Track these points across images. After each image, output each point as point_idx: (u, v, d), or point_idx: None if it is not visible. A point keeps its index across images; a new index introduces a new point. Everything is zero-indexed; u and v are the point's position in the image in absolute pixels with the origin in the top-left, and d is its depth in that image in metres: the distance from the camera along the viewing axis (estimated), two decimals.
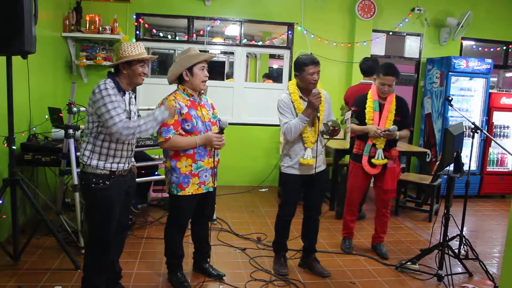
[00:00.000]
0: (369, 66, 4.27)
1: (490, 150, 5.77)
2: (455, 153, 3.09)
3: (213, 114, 2.82)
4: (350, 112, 3.09)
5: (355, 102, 3.48)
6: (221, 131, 2.64)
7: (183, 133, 2.63)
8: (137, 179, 3.89)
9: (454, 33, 5.81)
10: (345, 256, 3.51)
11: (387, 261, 3.42)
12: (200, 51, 2.77)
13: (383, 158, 3.32)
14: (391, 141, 3.34)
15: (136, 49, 2.34)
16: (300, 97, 2.94)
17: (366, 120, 3.35)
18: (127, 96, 2.42)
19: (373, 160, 3.34)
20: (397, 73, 3.29)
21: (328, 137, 2.99)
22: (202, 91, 2.78)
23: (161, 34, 5.59)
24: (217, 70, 7.20)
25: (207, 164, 2.69)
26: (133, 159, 2.61)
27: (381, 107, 3.35)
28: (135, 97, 4.17)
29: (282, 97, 2.98)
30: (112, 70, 2.41)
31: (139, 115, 4.11)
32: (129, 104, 2.43)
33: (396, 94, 3.40)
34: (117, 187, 2.37)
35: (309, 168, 2.98)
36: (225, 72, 7.46)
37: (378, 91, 3.35)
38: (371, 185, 3.62)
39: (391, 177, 3.37)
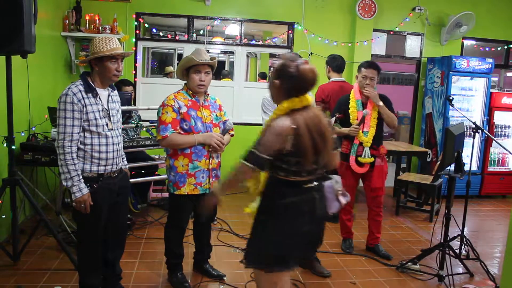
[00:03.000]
0: (342, 63, 4.38)
1: (491, 150, 5.76)
2: (456, 153, 3.08)
3: (217, 115, 2.80)
4: (334, 118, 3.10)
5: (340, 104, 3.46)
6: (223, 132, 2.62)
7: (182, 132, 2.62)
8: (137, 179, 3.96)
9: (449, 32, 5.80)
10: (345, 256, 3.50)
11: (388, 261, 3.41)
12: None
13: (370, 156, 3.33)
14: (378, 138, 3.36)
15: (108, 45, 2.22)
16: None
17: (351, 121, 3.34)
18: (105, 93, 2.35)
19: (359, 159, 3.34)
20: (378, 67, 3.33)
21: None
22: (208, 92, 2.78)
23: (161, 34, 5.58)
24: (218, 70, 7.19)
25: (204, 165, 2.68)
26: (125, 162, 2.58)
27: (364, 106, 3.36)
28: (132, 95, 4.17)
29: (267, 96, 2.98)
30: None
31: (130, 116, 4.12)
32: (108, 102, 2.35)
33: (378, 92, 3.38)
34: (106, 189, 2.34)
35: None
36: (222, 71, 7.44)
37: (359, 86, 3.35)
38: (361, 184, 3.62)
39: (378, 175, 3.39)
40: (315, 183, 1.91)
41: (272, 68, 6.80)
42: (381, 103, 3.29)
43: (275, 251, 1.85)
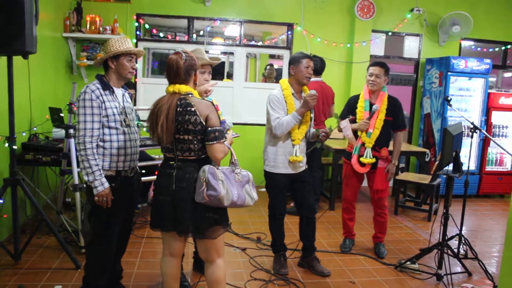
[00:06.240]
0: (322, 67, 4.55)
1: (489, 150, 5.79)
2: (454, 153, 3.10)
3: None
4: (346, 120, 3.11)
5: (349, 103, 3.51)
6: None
7: None
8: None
9: (444, 32, 5.84)
10: (344, 256, 3.52)
11: (386, 260, 3.43)
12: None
13: (371, 157, 3.33)
14: (382, 140, 3.35)
15: (124, 44, 2.35)
16: (292, 94, 2.97)
17: (357, 120, 3.37)
18: (120, 92, 2.43)
19: (361, 159, 3.35)
20: (384, 65, 3.35)
21: (313, 140, 3.05)
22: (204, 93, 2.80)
23: (161, 35, 5.60)
24: (217, 70, 7.20)
25: None
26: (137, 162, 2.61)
27: (371, 106, 3.37)
28: (132, 97, 4.19)
29: (274, 93, 3.00)
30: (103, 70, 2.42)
31: (137, 115, 4.15)
32: (123, 101, 2.43)
33: (389, 94, 3.41)
34: (123, 189, 2.37)
35: (296, 167, 3.01)
36: (226, 71, 7.47)
37: (367, 84, 3.38)
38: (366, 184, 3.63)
39: (381, 176, 3.37)
40: (179, 163, 2.11)
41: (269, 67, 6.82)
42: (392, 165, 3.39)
43: (151, 212, 2.23)
